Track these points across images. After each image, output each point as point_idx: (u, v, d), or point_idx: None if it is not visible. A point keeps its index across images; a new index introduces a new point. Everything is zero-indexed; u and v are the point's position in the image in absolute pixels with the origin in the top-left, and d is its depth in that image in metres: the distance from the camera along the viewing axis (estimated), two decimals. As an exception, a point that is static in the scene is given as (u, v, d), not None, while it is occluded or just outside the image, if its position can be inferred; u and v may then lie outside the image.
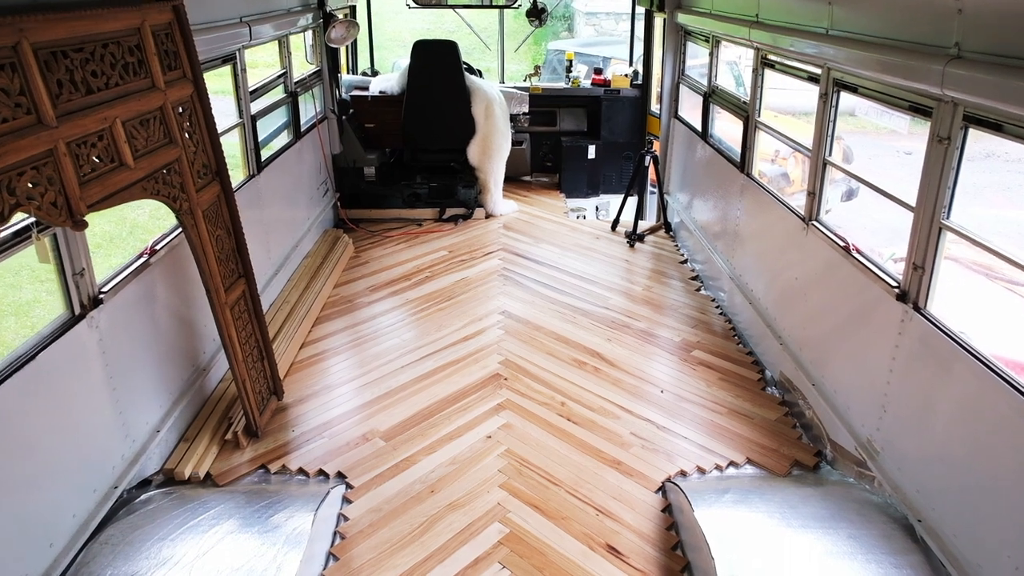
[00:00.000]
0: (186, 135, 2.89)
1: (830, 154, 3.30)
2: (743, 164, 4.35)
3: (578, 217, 7.03)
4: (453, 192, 6.46)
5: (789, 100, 7.46)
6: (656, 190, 6.29)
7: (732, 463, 3.26)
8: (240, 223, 3.27)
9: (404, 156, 6.60)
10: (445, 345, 4.26)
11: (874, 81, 2.88)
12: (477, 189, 6.52)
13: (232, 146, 3.80)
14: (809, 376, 3.45)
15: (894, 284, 2.72)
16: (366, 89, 6.50)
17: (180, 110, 2.86)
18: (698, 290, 5.08)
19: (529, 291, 4.99)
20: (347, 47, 6.93)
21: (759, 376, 3.96)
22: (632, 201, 6.26)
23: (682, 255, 5.70)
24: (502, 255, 5.64)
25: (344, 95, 6.32)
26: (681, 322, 4.57)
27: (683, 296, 4.96)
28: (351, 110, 6.32)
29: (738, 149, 4.47)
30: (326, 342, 4.32)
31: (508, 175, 7.14)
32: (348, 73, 6.99)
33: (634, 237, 5.86)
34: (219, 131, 3.55)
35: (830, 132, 3.26)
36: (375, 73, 7.06)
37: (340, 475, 3.17)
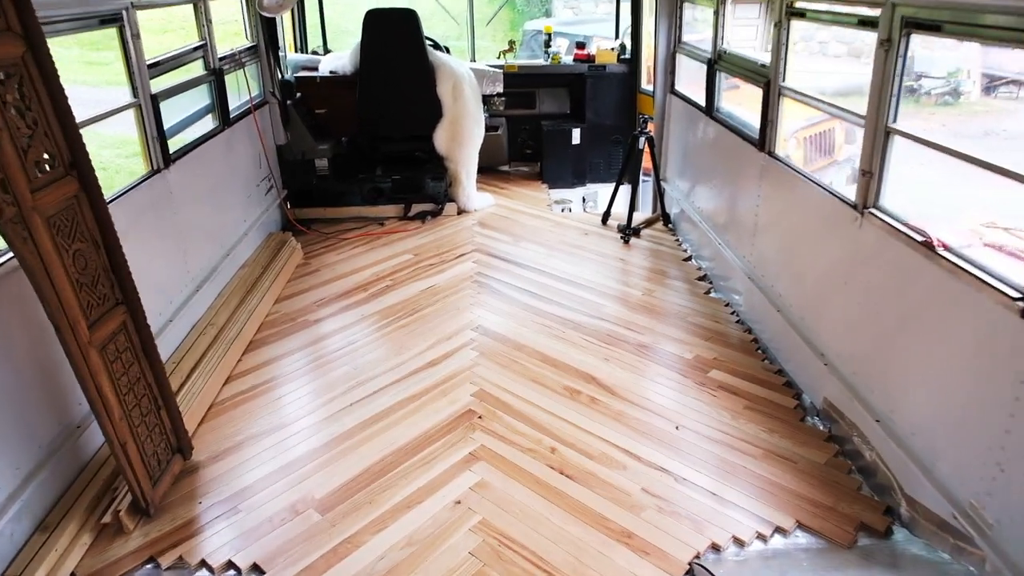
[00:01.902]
0: (12, 111, 2.05)
1: (895, 119, 2.52)
2: (763, 141, 3.57)
3: (563, 210, 6.22)
4: (419, 186, 5.63)
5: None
6: (651, 177, 5.51)
7: (779, 529, 2.48)
8: (114, 232, 2.44)
9: (361, 146, 5.75)
10: (406, 374, 3.44)
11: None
12: (447, 182, 5.70)
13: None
14: (869, 407, 2.68)
15: (1019, 295, 1.95)
16: (315, 69, 5.65)
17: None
18: (708, 292, 4.30)
19: (508, 300, 4.19)
20: (294, 20, 6.07)
21: (796, 402, 3.19)
22: (624, 190, 5.47)
23: (685, 251, 4.93)
24: (477, 257, 4.83)
25: (289, 76, 5.47)
26: (691, 333, 3.79)
27: (690, 301, 4.17)
28: (298, 94, 5.46)
29: (755, 123, 3.69)
30: (258, 374, 3.49)
31: (483, 165, 6.34)
32: (297, 52, 6.13)
33: (628, 231, 5.08)
34: (100, 114, 2.75)
35: (895, 90, 2.48)
36: (327, 52, 6.20)
37: (256, 569, 2.36)
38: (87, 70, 9.11)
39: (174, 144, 3.64)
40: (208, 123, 4.20)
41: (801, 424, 3.05)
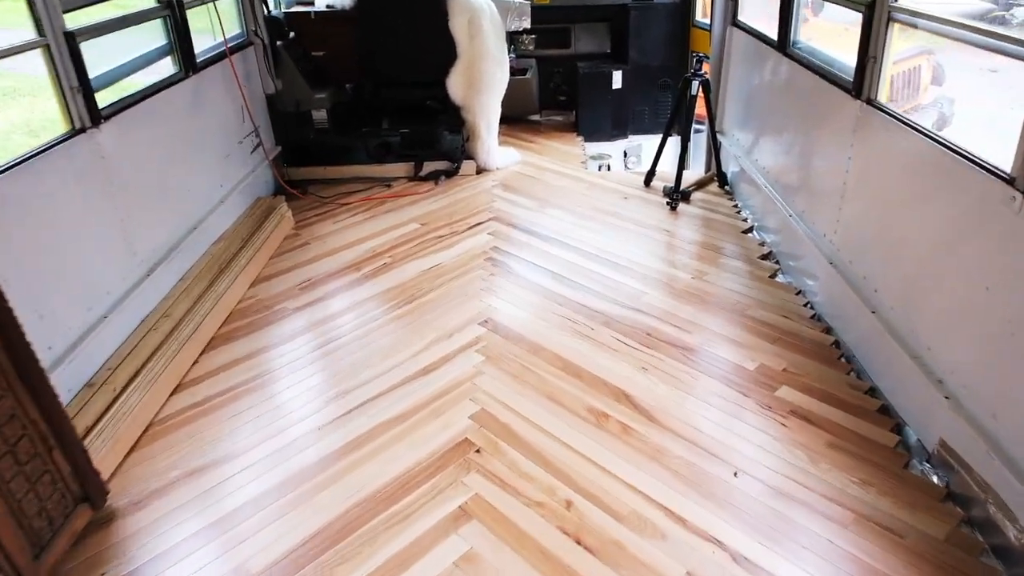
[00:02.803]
0: None
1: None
2: (860, 85, 2.68)
3: (600, 168, 5.39)
4: (432, 141, 4.86)
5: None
6: (704, 128, 4.62)
7: (882, 651, 1.75)
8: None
9: (365, 94, 4.99)
10: (392, 384, 2.76)
11: None
12: (464, 135, 4.91)
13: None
14: (1015, 466, 1.90)
15: None
16: (310, 3, 4.86)
17: None
18: (773, 276, 3.47)
19: (526, 285, 3.45)
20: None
21: (896, 438, 2.40)
22: (673, 144, 4.61)
23: (744, 220, 4.08)
24: (494, 227, 4.08)
25: (278, 11, 4.70)
26: (753, 332, 3.00)
27: (752, 287, 3.36)
28: (290, 33, 4.70)
29: (849, 62, 2.81)
30: (214, 382, 2.85)
31: (509, 114, 5.53)
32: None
33: (676, 196, 4.23)
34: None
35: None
36: (329, -16, 5.39)
37: None
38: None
39: (111, 95, 2.96)
40: (166, 69, 3.49)
41: (905, 473, 2.28)
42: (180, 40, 3.47)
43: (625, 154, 5.78)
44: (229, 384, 2.83)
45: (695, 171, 4.97)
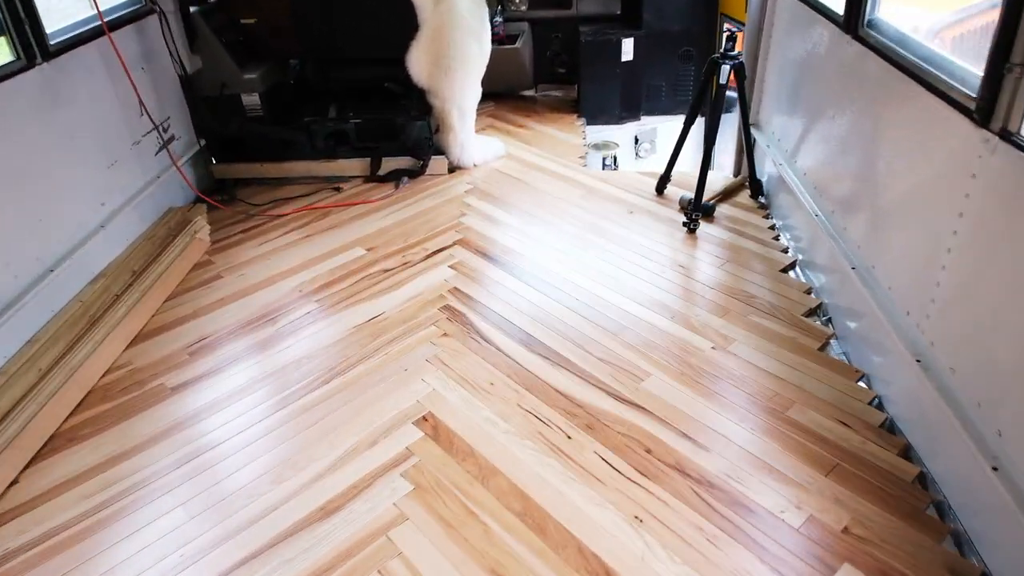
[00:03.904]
0: None
1: None
2: (989, 105, 1.69)
3: (605, 164, 4.43)
4: (394, 131, 3.91)
5: None
6: (737, 121, 3.62)
7: None
8: None
9: (307, 73, 4.02)
10: (275, 536, 1.92)
11: None
12: (433, 125, 3.96)
13: None
14: None
15: None
16: (237, -43, 3.87)
17: None
18: (824, 347, 2.55)
19: (488, 355, 2.55)
20: None
21: None
22: (694, 140, 3.63)
23: (784, 249, 3.13)
24: (458, 256, 3.17)
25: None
26: (799, 453, 2.10)
27: (795, 367, 2.43)
28: (209, -2, 3.74)
29: (969, 67, 1.82)
30: (35, 518, 2.03)
31: (501, 89, 4.59)
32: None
33: (695, 213, 3.27)
34: None
35: None
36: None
37: None
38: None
39: None
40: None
41: None
42: (13, 17, 2.54)
43: (636, 140, 4.79)
44: (61, 523, 2.00)
45: (720, 171, 3.99)
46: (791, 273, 3.01)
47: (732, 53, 3.09)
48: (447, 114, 3.83)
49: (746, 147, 3.44)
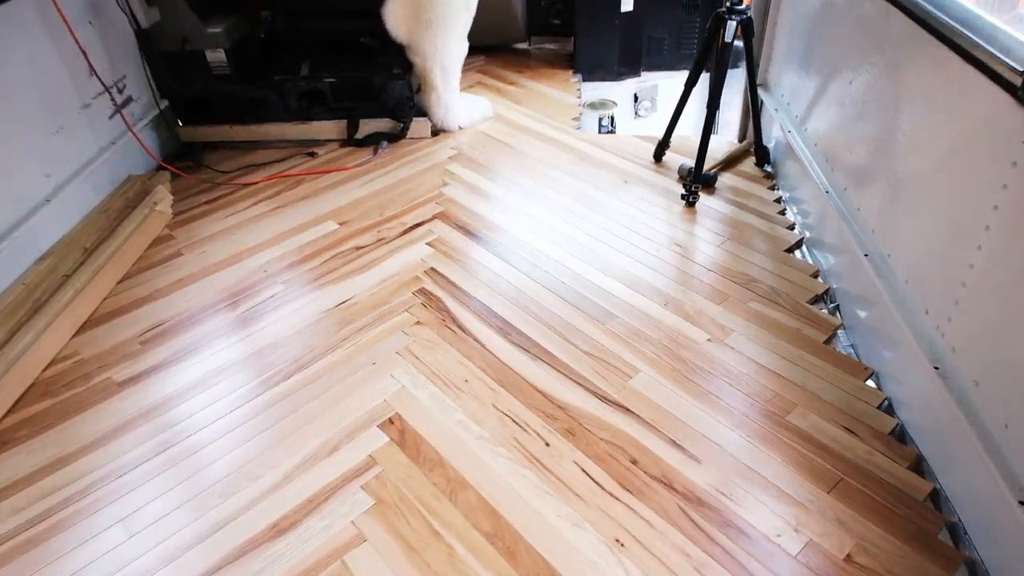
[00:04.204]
0: None
1: None
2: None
3: (602, 125, 4.14)
4: (371, 91, 3.62)
5: None
6: (744, 81, 3.32)
7: None
8: None
9: (277, 27, 3.70)
10: (220, 559, 1.76)
11: None
12: (415, 84, 3.67)
13: None
14: None
15: None
16: None
17: None
18: (831, 340, 2.33)
19: (463, 346, 2.35)
20: None
21: None
22: (697, 100, 3.34)
23: (791, 226, 2.88)
24: (437, 231, 2.94)
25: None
26: (799, 464, 1.90)
27: (797, 362, 2.23)
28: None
29: (1014, 31, 1.55)
30: (-41, 535, 1.87)
31: (491, 43, 4.29)
32: None
33: (695, 185, 3.01)
34: None
35: None
36: None
37: None
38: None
39: None
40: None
41: None
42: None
43: (636, 98, 4.48)
44: (-20, 541, 1.84)
45: (725, 132, 3.71)
46: (797, 253, 2.77)
47: (739, 7, 2.78)
48: (429, 72, 3.53)
49: (752, 111, 3.16)
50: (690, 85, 3.09)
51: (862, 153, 2.32)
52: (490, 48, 4.64)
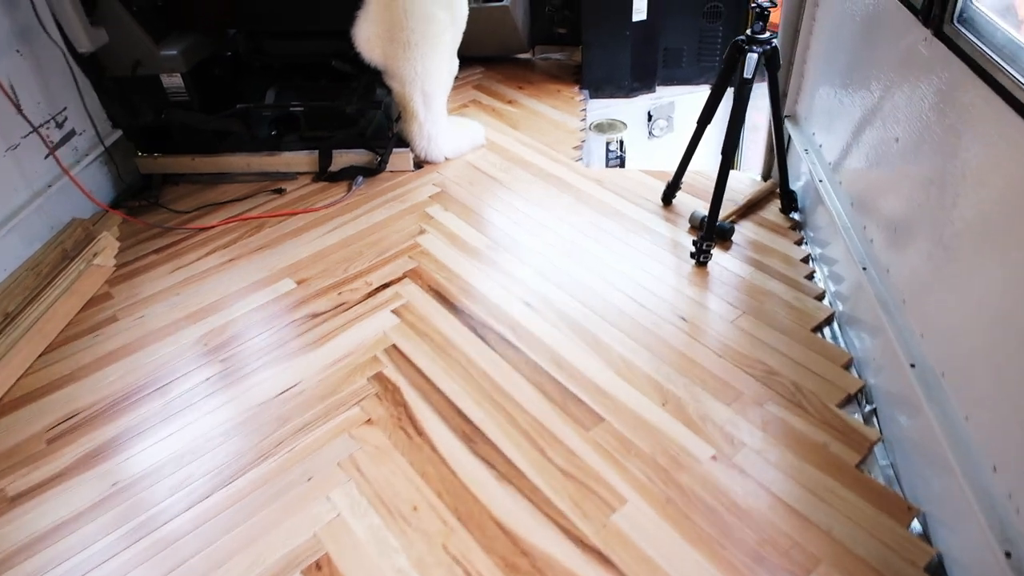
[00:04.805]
0: None
1: None
2: None
3: (610, 151, 3.71)
4: (344, 119, 3.23)
5: None
6: (768, 117, 2.85)
7: None
8: None
9: (239, 48, 3.32)
10: None
11: None
12: (395, 111, 3.26)
13: None
14: None
15: None
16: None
17: None
18: (863, 462, 1.90)
19: (418, 455, 1.94)
20: None
21: None
22: (713, 131, 2.89)
23: (820, 295, 2.43)
24: (406, 295, 2.55)
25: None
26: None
27: (826, 496, 1.80)
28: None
29: None
30: None
31: (489, 54, 3.90)
32: None
33: (706, 245, 2.56)
34: None
35: None
36: None
37: None
38: None
39: None
40: None
41: None
42: None
43: (649, 116, 4.03)
44: None
45: (746, 166, 3.25)
46: (826, 331, 2.32)
47: (761, 36, 2.31)
48: (408, 100, 3.12)
49: (777, 151, 2.69)
50: (703, 122, 2.64)
51: (911, 234, 1.86)
52: (487, 60, 4.21)
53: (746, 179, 3.09)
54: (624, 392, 2.11)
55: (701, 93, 3.98)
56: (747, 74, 2.31)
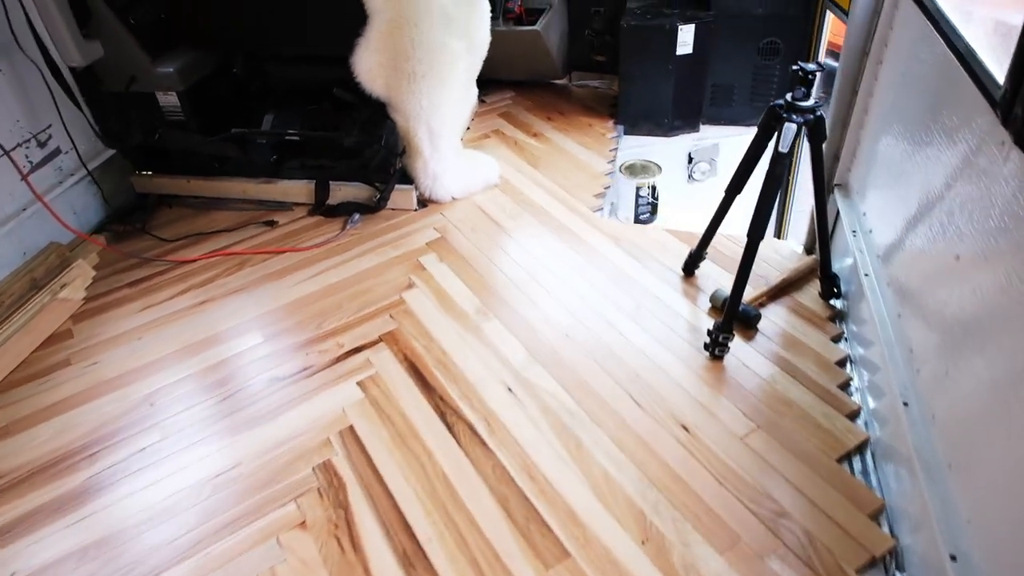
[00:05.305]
0: None
1: None
2: None
3: (640, 199, 3.38)
4: (346, 151, 2.98)
5: None
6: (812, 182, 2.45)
7: None
8: None
9: (237, 69, 3.09)
10: None
11: None
12: (399, 145, 2.99)
13: None
14: None
15: None
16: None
17: None
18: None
19: (348, 580, 1.69)
20: None
21: None
22: (747, 200, 2.51)
23: (855, 412, 2.04)
24: (376, 365, 2.27)
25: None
26: None
27: None
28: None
29: None
30: None
31: (521, 79, 3.61)
32: None
33: (721, 338, 2.19)
34: None
35: None
36: None
37: None
38: None
39: None
40: None
41: None
42: None
43: (690, 159, 3.65)
44: None
45: (789, 243, 2.85)
46: (855, 462, 1.93)
47: (803, 103, 1.93)
48: (412, 135, 2.84)
49: (819, 232, 2.30)
50: (732, 191, 2.28)
51: (966, 381, 1.47)
52: (522, 83, 3.90)
53: (787, 250, 2.69)
54: (599, 521, 1.78)
55: (751, 135, 3.58)
56: (783, 148, 1.94)
